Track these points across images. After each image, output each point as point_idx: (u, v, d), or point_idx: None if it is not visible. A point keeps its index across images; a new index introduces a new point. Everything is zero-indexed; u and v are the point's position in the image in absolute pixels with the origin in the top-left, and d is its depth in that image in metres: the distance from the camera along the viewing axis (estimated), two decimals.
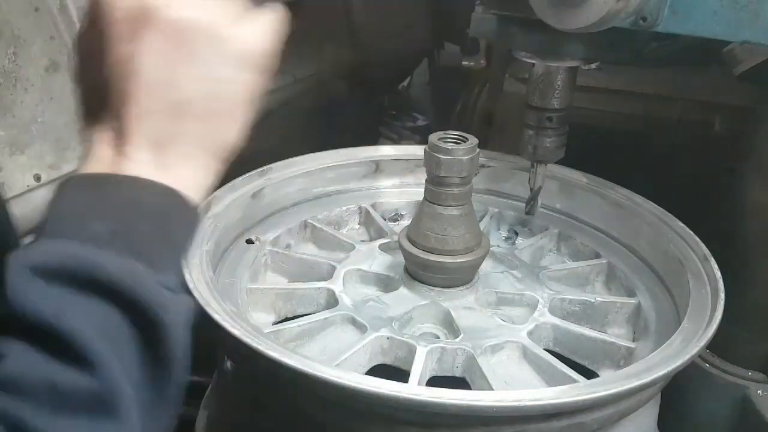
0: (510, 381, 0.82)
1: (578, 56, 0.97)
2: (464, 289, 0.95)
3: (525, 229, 1.17)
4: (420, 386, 0.71)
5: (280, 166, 1.14)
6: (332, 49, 2.28)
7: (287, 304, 0.95)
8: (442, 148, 0.90)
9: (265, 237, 1.06)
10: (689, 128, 1.40)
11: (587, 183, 1.14)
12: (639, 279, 1.01)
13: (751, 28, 0.81)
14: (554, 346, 0.90)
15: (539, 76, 1.01)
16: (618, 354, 0.88)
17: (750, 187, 1.02)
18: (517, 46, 1.00)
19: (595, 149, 1.19)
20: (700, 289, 0.88)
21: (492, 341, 0.85)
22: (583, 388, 0.71)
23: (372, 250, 1.04)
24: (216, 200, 1.01)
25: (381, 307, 0.93)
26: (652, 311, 0.94)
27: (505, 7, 0.96)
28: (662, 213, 1.03)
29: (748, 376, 1.08)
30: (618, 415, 0.76)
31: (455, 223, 0.93)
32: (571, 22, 0.83)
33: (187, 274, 0.83)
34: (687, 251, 0.96)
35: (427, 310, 0.92)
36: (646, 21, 0.84)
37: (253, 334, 0.74)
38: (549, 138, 1.04)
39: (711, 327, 0.80)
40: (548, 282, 1.00)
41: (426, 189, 0.95)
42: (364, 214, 1.17)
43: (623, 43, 0.95)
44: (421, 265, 0.94)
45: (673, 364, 0.73)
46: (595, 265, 1.04)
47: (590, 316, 0.95)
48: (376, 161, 1.22)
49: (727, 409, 1.09)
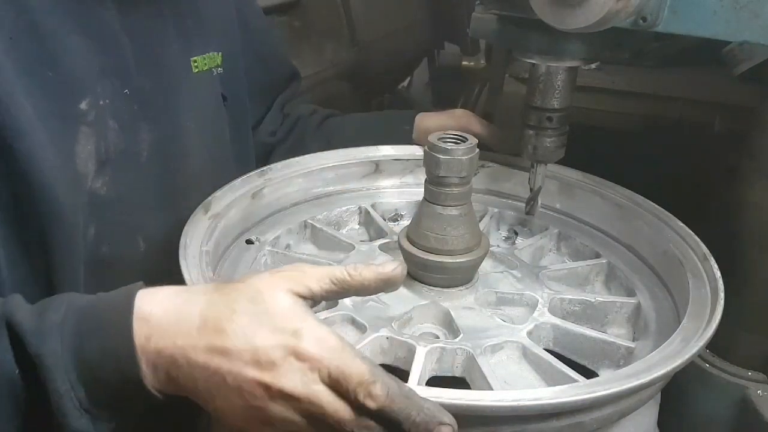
0: (510, 381, 0.82)
1: (578, 56, 0.97)
2: (464, 289, 0.95)
3: (525, 229, 1.17)
4: (420, 386, 0.71)
5: (279, 167, 1.14)
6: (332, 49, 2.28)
7: None
8: (441, 148, 0.90)
9: (265, 237, 1.06)
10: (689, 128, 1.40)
11: (587, 183, 1.14)
12: (639, 279, 1.01)
13: (751, 28, 0.81)
14: (554, 346, 0.90)
15: (539, 76, 1.01)
16: (618, 354, 0.88)
17: (750, 187, 1.02)
18: (517, 46, 1.00)
19: (595, 149, 1.19)
20: (700, 289, 0.89)
21: (492, 341, 0.85)
22: (582, 388, 0.71)
23: (372, 250, 1.04)
24: (216, 200, 1.01)
25: (381, 307, 0.93)
26: (651, 311, 0.94)
27: (505, 7, 0.96)
28: (662, 213, 1.04)
29: (748, 376, 1.08)
30: (618, 415, 0.76)
31: (455, 223, 0.93)
32: (571, 22, 0.83)
33: (187, 274, 0.83)
34: (687, 251, 0.96)
35: (427, 310, 0.92)
36: (646, 21, 0.84)
37: None
38: (549, 138, 1.04)
39: (711, 327, 0.80)
40: (548, 282, 1.00)
41: (426, 189, 0.95)
42: (364, 214, 1.17)
43: (623, 43, 0.95)
44: (421, 265, 0.94)
45: (673, 364, 0.73)
46: (595, 265, 1.04)
47: (590, 316, 0.95)
48: (376, 161, 1.22)
49: (727, 409, 1.09)
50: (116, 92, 0.93)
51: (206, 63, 1.09)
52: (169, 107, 1.01)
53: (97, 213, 0.92)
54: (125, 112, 0.94)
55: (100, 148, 0.91)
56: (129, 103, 0.95)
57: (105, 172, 0.92)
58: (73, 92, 0.88)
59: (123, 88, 0.94)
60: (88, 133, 0.89)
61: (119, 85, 0.93)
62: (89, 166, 0.90)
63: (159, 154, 0.99)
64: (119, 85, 0.93)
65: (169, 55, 1.01)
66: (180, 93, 1.03)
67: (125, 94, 0.94)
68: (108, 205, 0.93)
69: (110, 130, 0.92)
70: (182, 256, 0.86)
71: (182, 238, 0.90)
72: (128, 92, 0.94)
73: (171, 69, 1.02)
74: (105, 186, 0.92)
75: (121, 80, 0.94)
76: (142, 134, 0.97)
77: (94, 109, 0.89)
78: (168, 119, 1.01)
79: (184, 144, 1.03)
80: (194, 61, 1.06)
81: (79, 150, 0.88)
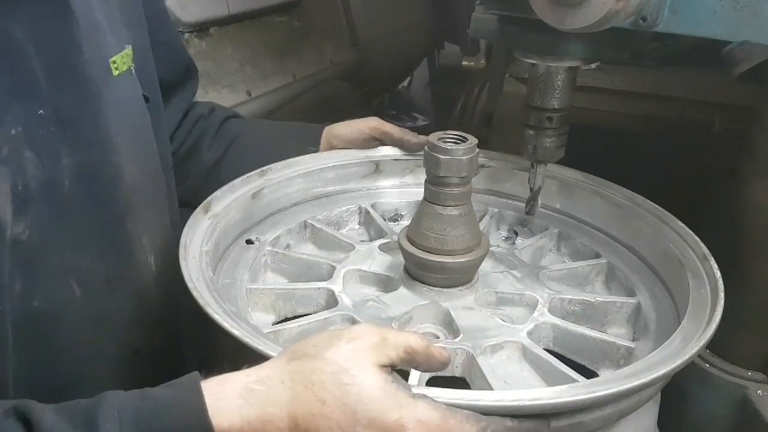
0: (510, 381, 0.82)
1: (578, 56, 0.97)
2: (464, 289, 0.95)
3: (525, 229, 1.17)
4: (420, 386, 0.71)
5: (279, 167, 1.14)
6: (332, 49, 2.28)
7: (287, 304, 0.95)
8: (441, 148, 0.90)
9: (265, 237, 1.06)
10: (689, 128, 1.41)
11: (587, 183, 1.14)
12: (639, 279, 1.01)
13: (751, 28, 0.81)
14: (554, 346, 0.90)
15: (539, 76, 1.01)
16: (618, 354, 0.88)
17: (750, 187, 1.02)
18: (517, 46, 1.00)
19: (595, 149, 1.19)
20: (700, 289, 0.89)
21: (492, 341, 0.85)
22: (582, 388, 0.71)
23: (372, 251, 1.04)
24: (216, 200, 1.01)
25: (381, 307, 0.93)
26: (651, 311, 0.94)
27: (505, 7, 0.96)
28: (662, 213, 1.04)
29: (748, 376, 1.08)
30: (618, 415, 0.76)
31: (455, 223, 0.93)
32: (571, 22, 0.83)
33: (187, 274, 0.83)
34: (687, 251, 0.96)
35: (427, 310, 0.92)
36: (646, 21, 0.84)
37: (252, 334, 0.74)
38: (549, 138, 1.04)
39: (711, 327, 0.80)
40: (548, 282, 1.00)
41: (425, 189, 0.95)
42: (364, 214, 1.17)
43: (623, 43, 0.95)
44: (421, 265, 0.94)
45: (673, 364, 0.73)
46: (595, 265, 1.04)
47: (590, 316, 0.95)
48: (376, 161, 1.22)
49: (727, 409, 1.09)
50: (29, 115, 0.78)
51: (125, 62, 0.92)
52: (91, 122, 0.85)
53: (22, 263, 0.78)
54: (42, 137, 0.79)
55: (17, 187, 0.76)
56: (45, 125, 0.79)
57: (26, 214, 0.78)
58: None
59: (37, 109, 0.78)
60: (2, 173, 0.75)
61: (31, 106, 0.78)
62: (7, 211, 0.76)
63: (84, 179, 0.84)
64: (32, 107, 0.78)
65: (85, 61, 0.84)
66: (102, 103, 0.86)
67: (40, 116, 0.79)
68: (34, 251, 0.79)
69: (27, 162, 0.77)
70: (182, 256, 0.86)
71: (182, 238, 0.90)
72: (43, 113, 0.79)
73: (88, 76, 0.84)
74: (28, 229, 0.78)
75: (33, 100, 0.78)
76: (62, 160, 0.82)
77: (6, 142, 0.75)
78: (92, 137, 0.85)
79: (113, 163, 0.88)
80: (113, 62, 0.89)
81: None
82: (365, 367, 0.63)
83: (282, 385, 0.62)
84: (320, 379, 0.62)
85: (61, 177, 0.81)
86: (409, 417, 0.62)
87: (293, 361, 0.64)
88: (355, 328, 0.68)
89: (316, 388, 0.61)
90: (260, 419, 0.61)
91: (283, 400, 0.61)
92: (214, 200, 1.01)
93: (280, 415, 0.61)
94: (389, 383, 0.63)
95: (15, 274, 0.78)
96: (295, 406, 0.61)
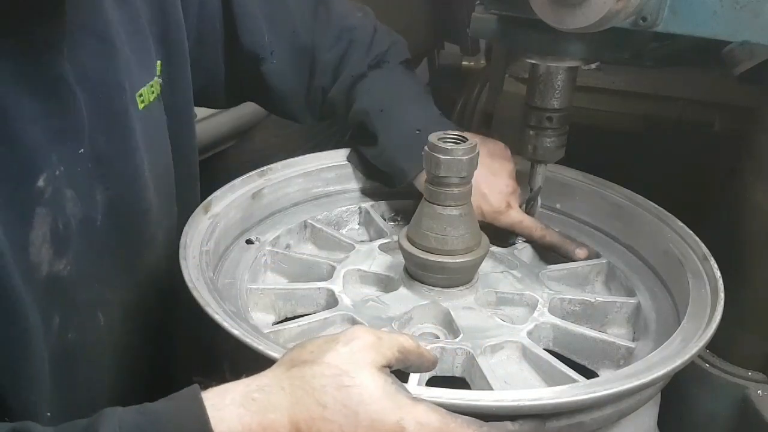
0: (510, 381, 0.82)
1: (578, 56, 0.97)
2: (464, 289, 0.95)
3: None
4: (420, 386, 0.71)
5: (279, 167, 1.14)
6: None
7: (287, 304, 0.95)
8: (441, 148, 0.90)
9: (265, 237, 1.06)
10: (689, 128, 1.40)
11: (587, 183, 1.14)
12: (639, 279, 1.01)
13: (751, 28, 0.81)
14: (554, 346, 0.90)
15: (539, 76, 1.01)
16: (618, 354, 0.88)
17: (750, 187, 1.02)
18: (517, 46, 1.00)
19: (595, 149, 1.19)
20: (700, 289, 0.89)
21: (492, 341, 0.85)
22: (582, 388, 0.71)
23: (372, 251, 1.04)
24: (216, 200, 1.01)
25: (381, 307, 0.93)
26: (651, 311, 0.94)
27: (505, 7, 0.96)
28: (662, 213, 1.03)
29: (748, 376, 1.08)
30: (618, 415, 0.76)
31: (455, 223, 0.93)
32: (571, 22, 0.83)
33: (187, 274, 0.83)
34: (687, 251, 0.96)
35: (427, 310, 0.92)
36: (646, 21, 0.84)
37: (252, 334, 0.74)
38: (549, 138, 1.04)
39: (711, 327, 0.80)
40: (548, 282, 1.00)
41: (425, 189, 0.95)
42: (364, 214, 1.17)
43: (623, 43, 0.95)
44: (421, 265, 0.94)
45: (673, 364, 0.73)
46: (595, 265, 1.04)
47: (590, 316, 0.95)
48: None
49: (727, 409, 1.09)
50: (72, 155, 0.78)
51: (152, 93, 0.92)
52: (123, 157, 0.86)
53: (60, 300, 0.79)
54: (80, 174, 0.79)
55: (57, 227, 0.77)
56: (83, 162, 0.80)
57: (66, 251, 0.78)
58: (28, 169, 0.73)
59: (78, 148, 0.79)
60: (43, 214, 0.75)
61: (74, 145, 0.78)
62: (43, 252, 0.76)
63: (114, 215, 0.85)
64: (74, 146, 0.78)
65: (121, 97, 0.85)
66: (132, 137, 0.87)
67: (80, 155, 0.79)
68: (72, 287, 0.80)
69: (68, 201, 0.78)
70: (182, 256, 0.86)
71: (182, 238, 0.90)
72: (83, 151, 0.79)
73: (121, 112, 0.85)
74: (69, 265, 0.79)
75: (77, 140, 0.78)
76: (97, 196, 0.83)
77: (51, 183, 0.75)
78: (123, 172, 0.86)
79: (143, 197, 0.89)
80: (139, 96, 0.89)
81: (33, 237, 0.74)
82: (365, 368, 0.63)
83: (282, 392, 0.62)
84: (321, 383, 0.62)
85: (95, 213, 0.83)
86: (410, 418, 0.62)
87: (293, 368, 0.64)
88: (350, 330, 0.68)
89: (316, 393, 0.61)
90: (262, 426, 0.61)
91: (283, 406, 0.61)
92: (214, 200, 1.01)
93: (282, 421, 0.61)
94: (389, 384, 0.63)
95: (52, 311, 0.79)
96: (296, 411, 0.61)
